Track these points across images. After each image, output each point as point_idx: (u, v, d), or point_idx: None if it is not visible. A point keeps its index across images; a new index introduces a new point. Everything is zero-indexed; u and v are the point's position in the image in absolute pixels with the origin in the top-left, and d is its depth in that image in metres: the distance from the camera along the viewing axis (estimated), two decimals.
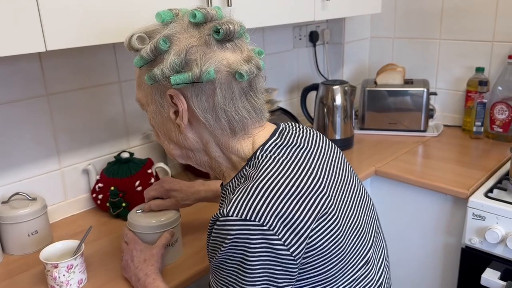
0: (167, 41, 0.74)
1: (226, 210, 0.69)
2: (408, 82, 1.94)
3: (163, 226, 1.05)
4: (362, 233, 0.80)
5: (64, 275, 1.00)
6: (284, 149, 0.78)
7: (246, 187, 0.71)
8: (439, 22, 1.98)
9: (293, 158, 0.77)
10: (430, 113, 1.93)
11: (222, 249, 0.69)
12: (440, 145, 1.80)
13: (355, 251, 0.78)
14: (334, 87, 1.74)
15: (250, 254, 0.68)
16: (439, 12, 1.97)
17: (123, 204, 1.31)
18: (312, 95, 1.92)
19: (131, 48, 0.78)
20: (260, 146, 0.78)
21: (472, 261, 1.43)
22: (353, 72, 2.23)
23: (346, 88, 1.74)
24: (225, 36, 0.74)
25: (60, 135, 1.32)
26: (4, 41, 0.85)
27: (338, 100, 1.74)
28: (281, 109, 1.79)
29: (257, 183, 0.71)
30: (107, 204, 1.33)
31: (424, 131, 1.91)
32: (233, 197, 0.71)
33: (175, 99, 0.76)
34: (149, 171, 1.38)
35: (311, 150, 0.81)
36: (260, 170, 0.73)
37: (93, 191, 1.36)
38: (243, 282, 0.70)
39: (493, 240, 1.34)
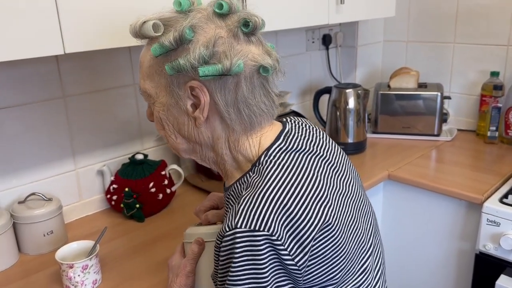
0: (192, 31, 0.71)
1: (234, 222, 0.68)
2: (422, 86, 1.93)
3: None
4: (362, 242, 0.79)
5: (79, 275, 1.01)
6: (288, 154, 0.76)
7: (250, 197, 0.70)
8: (454, 25, 1.97)
9: (297, 164, 0.75)
10: (443, 117, 1.92)
11: (233, 264, 0.68)
12: (454, 149, 1.79)
13: (355, 259, 0.77)
14: (347, 91, 1.73)
15: (261, 264, 0.67)
16: (454, 16, 1.96)
17: (137, 205, 1.32)
18: (324, 98, 1.92)
19: (139, 35, 0.76)
20: (265, 150, 0.77)
21: (486, 268, 1.42)
22: (366, 76, 2.23)
23: (359, 91, 1.73)
24: (253, 30, 0.73)
25: (76, 136, 1.33)
26: (23, 44, 0.87)
27: (351, 103, 1.74)
28: (293, 112, 1.79)
29: (262, 192, 0.70)
30: (121, 205, 1.34)
31: (438, 135, 1.89)
32: (238, 208, 0.70)
33: (197, 91, 0.74)
34: (163, 172, 1.39)
35: (315, 155, 0.79)
36: (264, 178, 0.72)
37: (108, 192, 1.38)
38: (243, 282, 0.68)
39: (508, 246, 1.32)
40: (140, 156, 1.38)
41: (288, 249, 0.68)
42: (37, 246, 1.19)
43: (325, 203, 0.73)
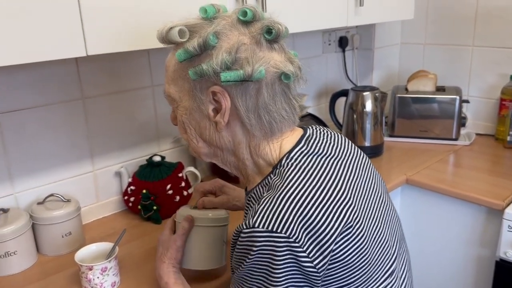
0: (215, 37, 0.73)
1: (252, 221, 0.69)
2: (440, 89, 1.91)
3: (221, 220, 1.00)
4: (386, 245, 0.78)
5: (98, 277, 1.01)
6: (310, 157, 0.77)
7: (271, 198, 0.70)
8: (473, 28, 1.94)
9: (318, 167, 0.75)
10: (462, 121, 1.89)
11: (248, 260, 0.69)
12: (472, 154, 1.76)
13: (379, 263, 0.76)
14: (364, 93, 1.72)
15: (276, 265, 0.67)
16: (473, 18, 1.93)
17: (154, 207, 1.31)
18: (340, 101, 1.91)
19: (166, 40, 0.77)
20: (286, 153, 0.77)
21: (507, 275, 1.39)
22: (382, 79, 2.21)
23: (376, 94, 1.72)
24: (276, 37, 0.74)
25: (94, 137, 1.33)
26: (46, 46, 0.87)
27: (368, 106, 1.72)
28: (310, 114, 1.78)
29: (282, 193, 0.70)
30: (139, 207, 1.34)
31: (456, 139, 1.87)
32: (258, 208, 0.70)
33: (219, 96, 0.75)
34: (180, 174, 1.39)
35: (337, 159, 0.79)
36: (285, 180, 0.72)
37: (125, 193, 1.38)
38: (260, 284, 0.69)
39: None
40: (157, 158, 1.38)
41: (307, 252, 0.67)
42: (56, 247, 1.19)
43: (347, 206, 0.72)
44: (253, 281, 0.71)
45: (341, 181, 0.74)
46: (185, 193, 1.38)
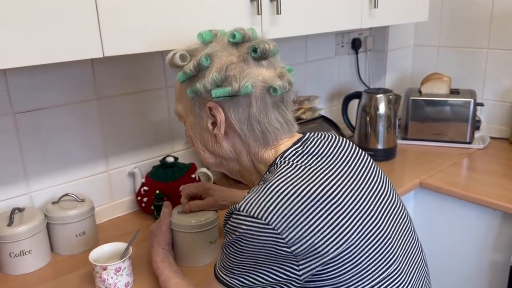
0: (208, 59, 0.81)
1: (239, 205, 0.75)
2: (454, 92, 1.89)
3: (203, 226, 1.10)
4: (383, 244, 0.78)
5: (112, 277, 1.01)
6: (304, 156, 0.81)
7: (260, 187, 0.76)
8: (488, 30, 1.92)
9: (311, 165, 0.79)
10: (476, 125, 1.87)
11: (230, 238, 0.76)
12: (487, 157, 1.75)
13: (371, 260, 0.75)
14: (378, 96, 1.71)
15: (254, 247, 0.73)
16: (488, 21, 1.91)
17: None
18: (353, 103, 1.90)
19: (172, 65, 0.86)
20: (281, 153, 0.83)
21: None
22: (395, 81, 2.19)
23: (390, 96, 1.71)
24: (261, 55, 0.81)
25: (108, 138, 1.34)
26: (63, 47, 0.88)
27: (382, 109, 1.71)
28: (322, 117, 1.77)
29: (269, 184, 0.75)
30: (152, 207, 1.34)
31: (470, 143, 1.85)
32: (247, 195, 0.76)
33: (214, 111, 0.82)
34: (193, 175, 1.39)
35: (332, 159, 0.82)
36: (275, 174, 0.78)
37: (138, 194, 1.38)
38: (245, 265, 0.75)
39: None
40: (170, 159, 1.39)
41: (286, 240, 0.71)
42: (70, 247, 1.20)
43: (334, 203, 0.75)
44: (229, 254, 0.77)
45: (330, 178, 0.77)
46: None
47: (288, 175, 0.76)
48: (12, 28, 0.81)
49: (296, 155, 0.81)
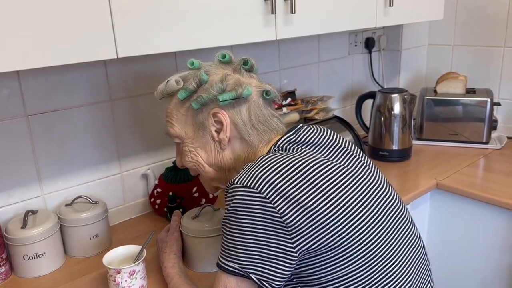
0: (206, 74, 0.92)
1: (234, 179, 0.81)
2: (470, 91, 1.86)
3: (217, 231, 1.08)
4: (369, 227, 0.81)
5: (126, 281, 1.00)
6: (296, 144, 0.88)
7: (253, 163, 0.83)
8: (504, 29, 1.89)
9: (303, 149, 0.87)
10: (493, 124, 1.84)
11: (226, 211, 0.80)
12: (504, 158, 1.71)
13: (355, 239, 0.79)
14: (393, 96, 1.68)
15: (248, 217, 0.76)
16: (504, 19, 1.88)
17: (180, 210, 1.31)
18: (366, 103, 1.87)
19: (165, 92, 0.94)
20: (274, 143, 0.90)
21: None
22: (409, 80, 2.16)
23: (405, 96, 1.68)
24: (250, 67, 0.94)
25: (121, 139, 1.33)
26: (77, 48, 0.87)
27: (397, 109, 1.68)
28: (336, 117, 1.75)
29: (263, 158, 0.82)
30: (165, 209, 1.33)
31: (487, 143, 1.82)
32: (242, 170, 0.82)
33: (219, 116, 0.90)
34: None
35: (324, 148, 0.89)
36: (267, 154, 0.85)
37: (151, 195, 1.37)
38: (240, 242, 0.78)
39: None
40: None
41: (278, 208, 0.75)
42: (83, 249, 1.19)
43: (322, 176, 0.80)
44: (230, 228, 0.80)
45: (323, 162, 0.83)
46: (210, 195, 1.37)
47: (280, 153, 0.84)
48: (25, 30, 0.80)
49: (288, 143, 0.88)
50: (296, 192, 0.77)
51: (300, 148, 0.88)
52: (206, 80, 0.91)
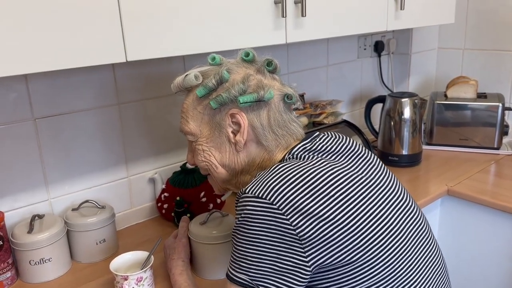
0: (228, 73, 0.87)
1: (245, 188, 0.78)
2: (481, 96, 1.83)
3: (226, 237, 1.07)
4: (384, 236, 0.79)
5: (133, 287, 0.99)
6: (311, 152, 0.85)
7: (265, 171, 0.80)
8: None
9: (318, 157, 0.84)
10: (504, 130, 1.81)
11: (237, 222, 0.77)
12: None
13: (372, 248, 0.76)
14: (403, 100, 1.66)
15: (260, 228, 0.74)
16: None
17: (188, 215, 1.29)
18: (376, 107, 1.85)
19: (183, 86, 0.91)
20: (289, 150, 0.87)
21: None
22: (418, 85, 2.14)
23: (415, 101, 1.66)
24: (274, 69, 0.91)
25: (129, 143, 1.32)
26: (86, 51, 0.86)
27: (407, 113, 1.66)
28: (345, 121, 1.73)
29: (276, 167, 0.79)
30: (172, 214, 1.32)
31: (498, 148, 1.79)
32: (254, 179, 0.80)
33: (237, 117, 0.87)
34: None
35: (340, 156, 0.86)
36: (282, 163, 0.82)
37: (158, 200, 1.36)
38: (251, 254, 0.75)
39: None
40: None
41: (290, 220, 0.73)
42: (89, 254, 1.18)
43: (338, 189, 0.77)
44: (239, 239, 0.77)
45: (339, 171, 0.80)
46: (218, 200, 1.35)
47: (294, 162, 0.81)
48: (33, 33, 0.79)
49: (304, 150, 0.85)
50: (310, 204, 0.74)
51: (315, 156, 0.84)
52: (227, 79, 0.87)
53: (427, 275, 0.84)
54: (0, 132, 1.11)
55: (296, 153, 0.85)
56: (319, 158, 0.83)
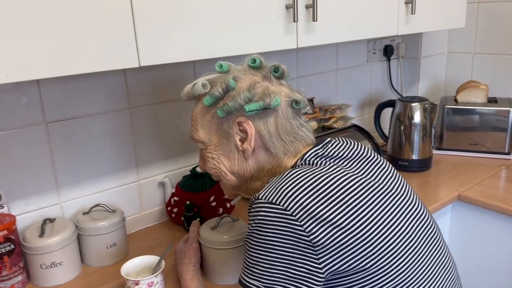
0: (234, 81, 0.88)
1: (258, 194, 0.78)
2: (491, 100, 1.82)
3: (237, 242, 1.06)
4: (395, 238, 0.78)
5: None
6: (323, 158, 0.85)
7: (279, 177, 0.80)
8: None
9: (331, 163, 0.83)
10: None
11: (250, 227, 0.77)
12: None
13: (382, 250, 0.76)
14: (413, 104, 1.65)
15: (273, 234, 0.73)
16: None
17: (198, 219, 1.29)
18: (385, 111, 1.85)
19: (191, 95, 0.92)
20: (301, 156, 0.87)
21: None
22: (428, 89, 2.13)
23: (426, 105, 1.65)
24: (281, 74, 0.90)
25: (139, 147, 1.32)
26: (99, 56, 0.86)
27: (417, 118, 1.65)
28: (355, 125, 1.72)
29: (289, 173, 0.79)
30: (182, 218, 1.32)
31: (509, 153, 1.78)
32: (267, 185, 0.80)
33: (244, 125, 0.87)
34: None
35: (353, 162, 0.86)
36: (295, 169, 0.81)
37: (168, 204, 1.36)
38: (264, 260, 0.75)
39: None
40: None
41: (304, 226, 0.72)
42: (100, 258, 1.18)
43: (352, 195, 0.77)
44: (253, 245, 0.77)
45: (352, 177, 0.79)
46: (228, 205, 1.35)
47: (307, 168, 0.80)
48: (46, 38, 0.79)
49: (316, 156, 0.85)
50: (324, 210, 0.73)
51: (328, 163, 0.84)
52: (234, 87, 0.87)
53: (439, 280, 0.84)
54: (12, 136, 1.11)
55: (308, 159, 0.85)
56: (332, 164, 0.83)
